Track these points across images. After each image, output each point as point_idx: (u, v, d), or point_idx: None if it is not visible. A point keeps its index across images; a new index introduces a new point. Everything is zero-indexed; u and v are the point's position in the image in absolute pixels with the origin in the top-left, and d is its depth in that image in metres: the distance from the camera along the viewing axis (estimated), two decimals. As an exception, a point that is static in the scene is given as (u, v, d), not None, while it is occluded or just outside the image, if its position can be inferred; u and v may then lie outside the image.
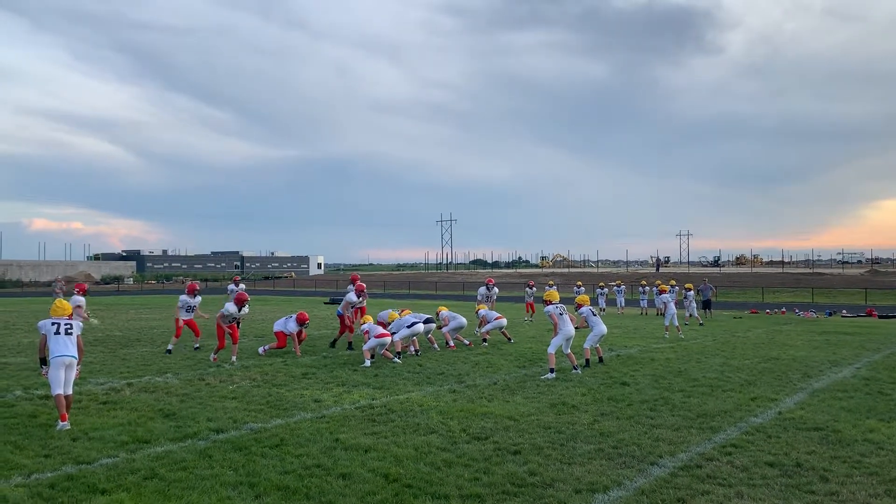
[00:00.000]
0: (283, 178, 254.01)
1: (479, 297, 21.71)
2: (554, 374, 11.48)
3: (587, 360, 12.74)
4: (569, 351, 12.35)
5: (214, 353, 13.52)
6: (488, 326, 16.71)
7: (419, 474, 6.11)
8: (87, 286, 18.34)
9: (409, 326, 14.27)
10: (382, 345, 13.36)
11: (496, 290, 21.60)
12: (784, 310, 33.16)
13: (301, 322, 14.72)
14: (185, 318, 15.47)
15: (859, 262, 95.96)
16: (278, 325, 15.03)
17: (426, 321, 15.18)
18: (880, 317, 28.91)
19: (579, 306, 13.34)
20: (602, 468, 6.36)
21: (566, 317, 12.33)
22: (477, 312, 17.63)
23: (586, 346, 12.91)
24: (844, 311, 31.79)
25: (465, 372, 12.14)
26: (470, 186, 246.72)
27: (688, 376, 11.77)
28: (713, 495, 5.61)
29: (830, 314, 30.89)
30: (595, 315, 13.20)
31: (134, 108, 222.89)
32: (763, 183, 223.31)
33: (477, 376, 11.68)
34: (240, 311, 13.81)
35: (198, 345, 15.45)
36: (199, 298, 15.63)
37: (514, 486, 5.82)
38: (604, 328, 13.10)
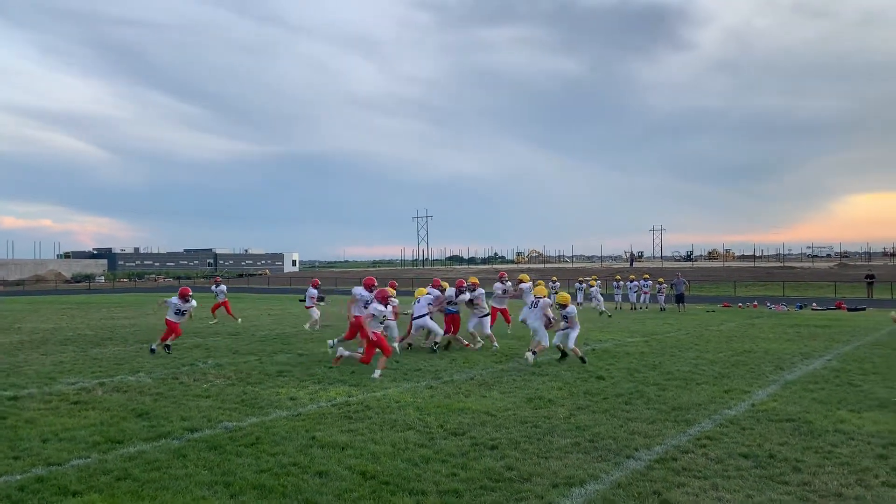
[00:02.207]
0: (257, 174, 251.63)
1: (499, 293, 17.45)
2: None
3: (564, 354, 12.87)
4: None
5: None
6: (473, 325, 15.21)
7: (396, 471, 6.09)
8: None
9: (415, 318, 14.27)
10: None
11: (509, 283, 18.08)
12: (756, 303, 33.59)
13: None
14: (173, 320, 14.94)
15: (828, 255, 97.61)
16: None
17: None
18: (849, 310, 29.40)
19: (564, 306, 12.98)
20: (579, 462, 6.38)
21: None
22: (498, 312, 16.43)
23: (557, 342, 12.93)
24: (815, 305, 32.28)
25: (442, 368, 12.13)
26: (445, 182, 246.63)
27: (662, 370, 11.88)
28: (689, 487, 5.66)
29: (801, 307, 31.35)
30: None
31: (106, 103, 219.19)
32: (735, 178, 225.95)
33: (454, 372, 11.68)
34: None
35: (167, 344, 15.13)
36: (193, 303, 14.83)
37: (491, 481, 5.82)
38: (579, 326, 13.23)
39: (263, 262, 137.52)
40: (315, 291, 21.04)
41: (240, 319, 22.83)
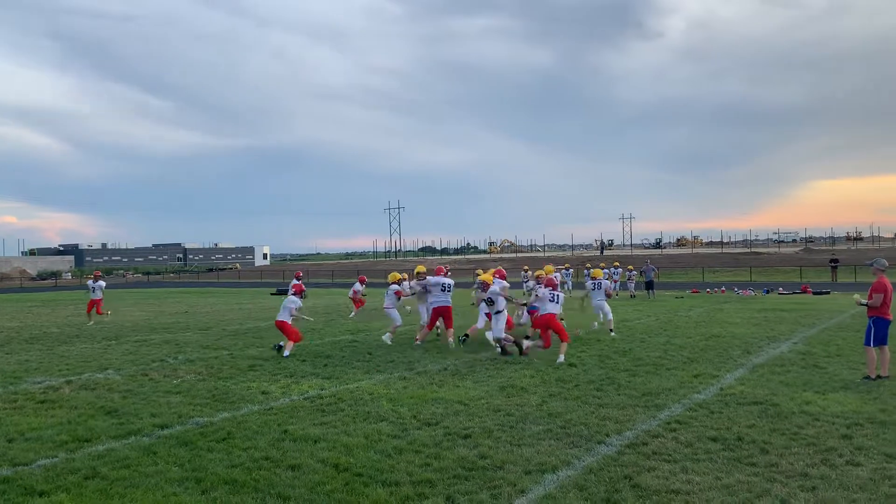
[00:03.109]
0: (226, 167, 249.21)
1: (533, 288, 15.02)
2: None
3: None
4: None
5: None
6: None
7: (369, 462, 6.08)
8: None
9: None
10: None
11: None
12: (724, 289, 34.07)
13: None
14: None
15: (794, 241, 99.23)
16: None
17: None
18: (814, 293, 29.96)
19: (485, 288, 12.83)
20: (551, 448, 6.43)
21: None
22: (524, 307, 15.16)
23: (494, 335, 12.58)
24: (781, 289, 32.83)
25: (415, 359, 12.13)
26: (418, 173, 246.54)
27: (633, 356, 12.00)
28: (659, 471, 5.73)
29: (768, 292, 31.87)
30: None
31: (70, 97, 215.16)
32: (703, 166, 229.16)
33: (427, 362, 11.69)
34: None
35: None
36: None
37: (464, 470, 5.84)
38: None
39: (234, 255, 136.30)
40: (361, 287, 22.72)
41: (109, 312, 22.50)
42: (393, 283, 14.91)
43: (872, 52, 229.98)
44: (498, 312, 12.70)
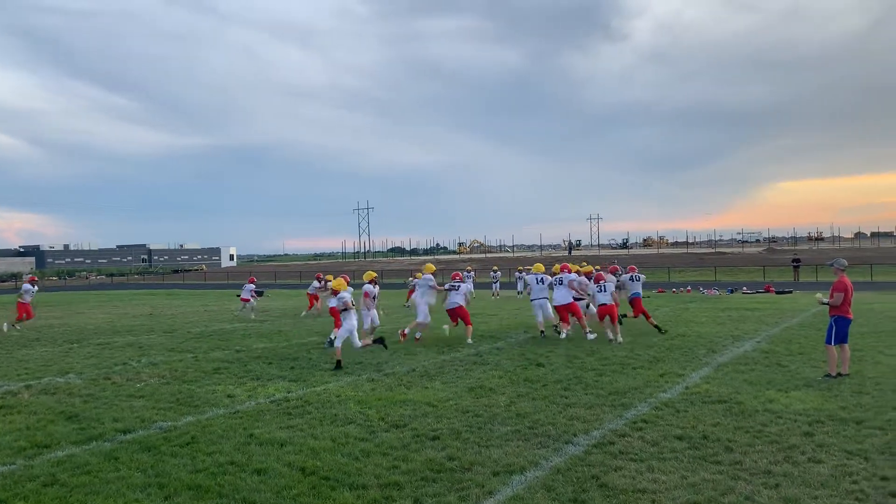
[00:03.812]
0: (191, 167, 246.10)
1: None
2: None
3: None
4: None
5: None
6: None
7: (337, 465, 6.03)
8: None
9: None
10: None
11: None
12: (689, 288, 34.49)
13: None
14: None
15: (757, 241, 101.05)
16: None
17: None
18: (777, 293, 30.45)
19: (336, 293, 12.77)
20: (519, 449, 6.44)
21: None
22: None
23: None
24: (745, 289, 33.33)
25: (383, 360, 12.07)
26: (387, 173, 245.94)
27: (599, 355, 12.08)
28: (626, 470, 5.77)
29: (732, 291, 32.32)
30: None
31: (29, 95, 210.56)
32: (668, 167, 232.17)
33: (396, 364, 11.64)
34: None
35: None
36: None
37: (432, 472, 5.81)
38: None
39: (200, 257, 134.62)
40: (252, 286, 22.37)
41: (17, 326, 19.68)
42: (368, 282, 14.83)
43: (827, 57, 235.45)
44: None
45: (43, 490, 5.54)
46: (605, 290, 14.08)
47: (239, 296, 23.04)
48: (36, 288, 20.46)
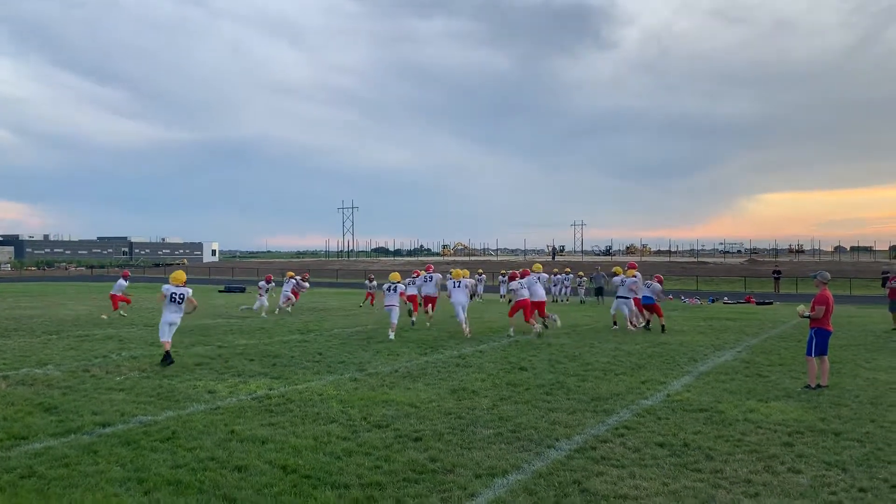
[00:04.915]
0: (175, 160, 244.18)
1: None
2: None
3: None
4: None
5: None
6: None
7: (318, 464, 6.00)
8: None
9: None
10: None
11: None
12: (671, 297, 34.72)
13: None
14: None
15: (739, 251, 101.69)
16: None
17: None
18: (758, 303, 30.73)
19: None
20: (501, 452, 6.44)
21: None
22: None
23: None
24: (726, 298, 33.60)
25: (366, 360, 12.05)
26: (372, 173, 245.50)
27: (582, 361, 12.12)
28: (607, 476, 5.79)
29: (713, 301, 32.58)
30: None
31: (13, 83, 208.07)
32: (653, 176, 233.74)
33: (379, 364, 11.62)
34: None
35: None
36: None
37: (414, 473, 5.80)
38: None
39: (182, 251, 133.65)
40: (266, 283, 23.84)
41: (123, 313, 20.80)
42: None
43: (812, 72, 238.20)
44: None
45: (20, 482, 5.47)
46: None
47: (222, 291, 23.23)
48: (126, 283, 21.59)
